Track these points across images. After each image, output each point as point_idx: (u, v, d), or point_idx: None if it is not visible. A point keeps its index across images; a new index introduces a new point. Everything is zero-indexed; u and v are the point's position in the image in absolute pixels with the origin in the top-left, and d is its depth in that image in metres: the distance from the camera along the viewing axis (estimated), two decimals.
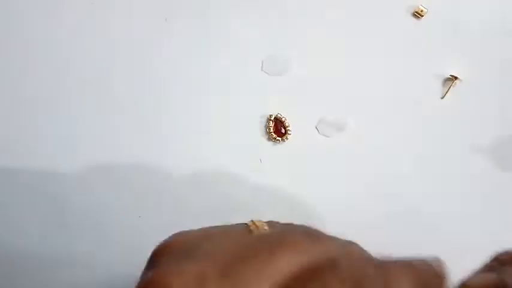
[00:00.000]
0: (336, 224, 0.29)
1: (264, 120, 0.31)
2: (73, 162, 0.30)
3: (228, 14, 0.32)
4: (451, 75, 0.30)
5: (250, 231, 0.21)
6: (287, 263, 0.17)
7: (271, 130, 0.31)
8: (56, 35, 0.27)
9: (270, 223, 0.21)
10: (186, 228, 0.29)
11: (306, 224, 0.20)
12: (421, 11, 0.30)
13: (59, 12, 0.30)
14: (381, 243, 0.29)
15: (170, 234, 0.21)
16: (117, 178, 0.31)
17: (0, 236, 0.30)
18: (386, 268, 0.19)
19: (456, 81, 0.30)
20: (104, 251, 0.29)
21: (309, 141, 0.31)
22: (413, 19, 0.30)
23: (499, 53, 0.30)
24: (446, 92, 0.31)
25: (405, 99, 0.30)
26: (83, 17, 0.27)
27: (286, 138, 0.31)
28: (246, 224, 0.21)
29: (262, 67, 0.31)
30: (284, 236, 0.19)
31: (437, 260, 0.21)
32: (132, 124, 0.31)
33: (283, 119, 0.31)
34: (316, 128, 0.31)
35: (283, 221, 0.29)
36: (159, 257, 0.20)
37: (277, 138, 0.31)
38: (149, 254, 0.25)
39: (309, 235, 0.19)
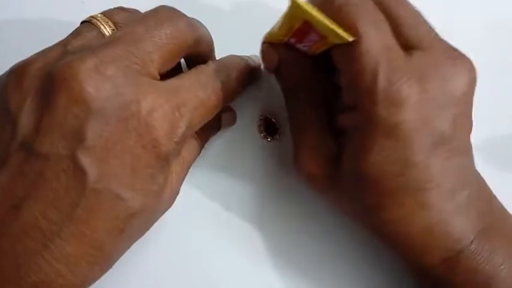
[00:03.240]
0: (331, 220, 0.30)
1: (256, 120, 0.31)
2: None
3: (217, 13, 0.32)
4: None
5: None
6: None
7: (262, 130, 0.31)
8: (46, 34, 0.26)
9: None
10: (178, 225, 0.29)
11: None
12: None
13: (50, 12, 0.29)
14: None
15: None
16: None
17: None
18: None
19: None
20: None
21: None
22: None
23: (493, 51, 0.32)
24: None
25: None
26: (73, 16, 0.26)
27: (278, 137, 0.32)
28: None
29: None
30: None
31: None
32: None
33: (274, 120, 0.32)
34: None
35: (282, 223, 0.30)
36: None
37: (268, 137, 0.32)
38: (147, 245, 0.25)
39: None
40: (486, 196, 0.24)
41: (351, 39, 0.21)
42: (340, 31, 0.20)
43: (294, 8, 0.21)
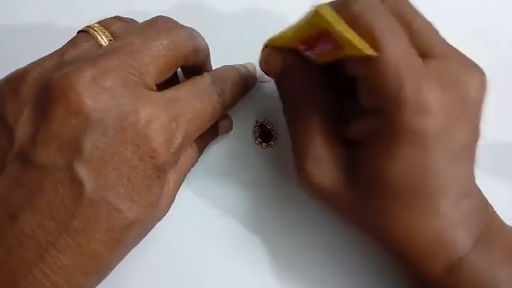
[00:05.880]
0: (329, 224, 0.30)
1: (251, 126, 0.31)
2: None
3: (214, 20, 0.32)
4: None
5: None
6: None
7: (257, 136, 0.32)
8: (43, 40, 0.26)
9: None
10: (173, 231, 0.29)
11: None
12: None
13: (46, 17, 0.29)
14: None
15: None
16: None
17: None
18: None
19: None
20: None
21: None
22: None
23: (489, 57, 0.31)
24: None
25: None
26: (70, 22, 0.26)
27: (273, 144, 0.32)
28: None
29: None
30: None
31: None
32: None
33: (269, 126, 0.32)
34: None
35: (276, 229, 0.30)
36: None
37: (263, 143, 0.32)
38: (144, 251, 0.25)
39: None
40: (483, 204, 0.24)
41: (371, 53, 0.20)
42: (362, 45, 0.20)
43: (316, 16, 0.20)
